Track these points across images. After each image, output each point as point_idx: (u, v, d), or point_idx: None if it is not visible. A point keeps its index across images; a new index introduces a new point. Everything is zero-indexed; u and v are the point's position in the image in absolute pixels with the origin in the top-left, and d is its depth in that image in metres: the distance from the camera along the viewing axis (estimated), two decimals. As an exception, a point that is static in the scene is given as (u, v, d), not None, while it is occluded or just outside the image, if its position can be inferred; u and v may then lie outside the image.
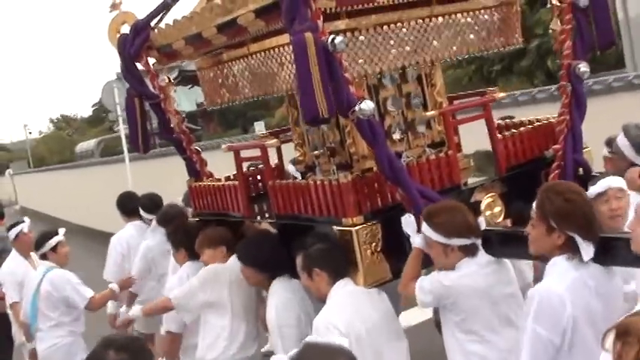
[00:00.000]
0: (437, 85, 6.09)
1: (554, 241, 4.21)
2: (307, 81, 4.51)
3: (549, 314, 4.02)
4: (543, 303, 4.04)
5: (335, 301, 5.11)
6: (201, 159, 6.92)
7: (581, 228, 4.15)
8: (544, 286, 4.13)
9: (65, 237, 8.45)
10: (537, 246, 4.35)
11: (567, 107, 5.81)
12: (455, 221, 4.82)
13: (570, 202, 4.19)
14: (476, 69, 25.58)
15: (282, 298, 5.61)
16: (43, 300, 8.16)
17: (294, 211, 5.57)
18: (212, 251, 6.32)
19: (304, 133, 6.30)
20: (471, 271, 4.85)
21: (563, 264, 4.18)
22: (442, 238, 4.82)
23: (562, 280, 4.10)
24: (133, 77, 6.68)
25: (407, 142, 5.95)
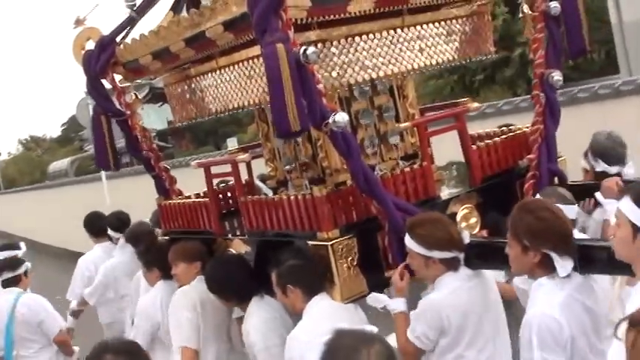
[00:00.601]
0: (409, 96, 6.03)
1: (530, 259, 4.15)
2: (279, 93, 4.40)
3: (552, 339, 3.94)
4: (542, 330, 3.95)
5: (310, 317, 5.01)
6: (170, 177, 6.81)
7: (555, 245, 4.10)
8: (538, 312, 4.03)
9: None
10: (516, 266, 4.31)
11: (541, 116, 5.77)
12: (437, 234, 4.73)
13: (542, 220, 4.14)
14: (458, 79, 25.26)
15: (263, 318, 5.48)
16: (21, 324, 7.95)
17: (267, 227, 5.47)
18: (186, 266, 6.14)
19: (275, 148, 6.20)
20: (454, 287, 4.77)
21: (548, 284, 4.12)
22: (423, 250, 4.74)
23: (552, 301, 4.03)
24: (99, 94, 6.58)
25: (380, 155, 5.88)
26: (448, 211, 5.41)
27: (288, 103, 4.39)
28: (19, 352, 8.01)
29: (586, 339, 4.03)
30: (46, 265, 24.25)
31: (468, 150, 5.70)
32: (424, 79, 26.61)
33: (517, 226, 4.18)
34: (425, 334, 4.79)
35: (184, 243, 6.31)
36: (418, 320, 4.82)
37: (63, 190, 30.05)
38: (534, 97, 5.80)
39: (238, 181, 5.88)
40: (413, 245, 4.77)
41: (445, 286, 4.78)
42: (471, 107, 5.96)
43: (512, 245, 4.22)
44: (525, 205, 4.37)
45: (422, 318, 4.80)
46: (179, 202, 6.55)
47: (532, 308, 4.10)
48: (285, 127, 4.46)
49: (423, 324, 4.79)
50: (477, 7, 5.99)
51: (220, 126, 43.92)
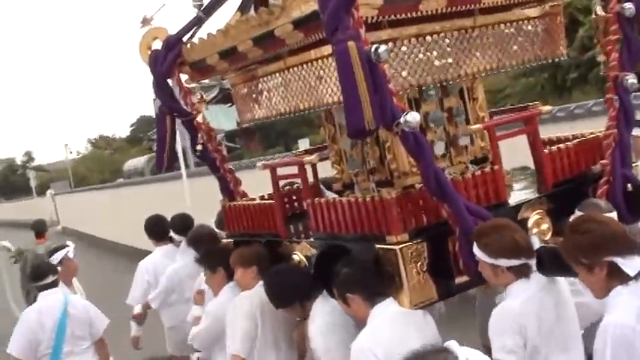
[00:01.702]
0: (479, 98, 5.91)
1: (600, 275, 4.02)
2: (352, 92, 4.32)
3: (626, 349, 3.80)
4: (616, 339, 3.81)
5: (374, 325, 4.93)
6: (235, 178, 6.77)
7: (612, 249, 3.98)
8: (614, 320, 3.90)
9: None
10: (593, 288, 4.16)
11: (615, 120, 5.64)
12: (502, 241, 4.59)
13: (586, 232, 4.04)
14: (549, 77, 24.89)
15: (325, 321, 5.42)
16: (74, 322, 8.00)
17: (334, 230, 5.38)
18: (244, 270, 6.15)
19: (342, 150, 6.11)
20: (527, 295, 4.62)
21: (628, 290, 3.97)
22: (489, 258, 4.61)
23: (629, 310, 3.88)
24: (165, 94, 6.56)
25: (449, 158, 5.78)
26: (519, 216, 5.27)
27: (363, 102, 4.30)
28: (72, 349, 8.04)
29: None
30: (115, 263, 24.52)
31: (540, 154, 5.57)
32: (513, 76, 26.27)
33: (569, 251, 4.12)
34: (517, 345, 4.55)
35: (242, 248, 6.29)
36: (502, 335, 4.58)
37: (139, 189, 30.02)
38: (608, 100, 5.68)
39: (305, 182, 5.82)
40: (480, 254, 4.66)
41: (517, 294, 4.63)
42: (543, 110, 5.82)
43: (579, 270, 4.12)
44: (567, 230, 4.28)
45: (504, 330, 4.59)
46: (243, 204, 6.48)
47: (607, 316, 3.96)
48: (358, 127, 4.37)
49: (508, 336, 4.56)
50: (549, 8, 5.87)
51: (291, 127, 43.82)
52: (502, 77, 28.18)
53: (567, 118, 11.57)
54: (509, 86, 26.98)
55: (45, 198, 53.11)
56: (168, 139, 6.69)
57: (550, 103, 17.16)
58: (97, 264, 24.23)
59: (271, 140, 47.45)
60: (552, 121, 11.58)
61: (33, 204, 58.67)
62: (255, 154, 40.63)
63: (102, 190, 38.43)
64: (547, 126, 10.41)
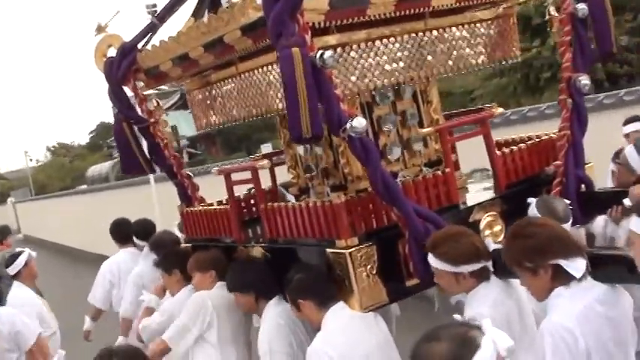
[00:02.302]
0: (433, 102, 5.95)
1: (544, 278, 4.00)
2: (294, 98, 4.32)
3: (565, 351, 3.79)
4: (556, 339, 3.81)
5: (329, 328, 4.93)
6: (192, 184, 6.76)
7: (556, 251, 3.96)
8: (553, 322, 3.89)
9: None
10: (536, 292, 4.14)
11: (568, 122, 5.66)
12: (460, 247, 4.55)
13: (530, 236, 4.03)
14: (522, 77, 24.91)
15: (274, 323, 5.45)
16: None
17: (286, 234, 5.39)
18: (201, 275, 6.17)
19: (297, 154, 6.12)
20: (494, 299, 4.58)
21: (566, 293, 3.96)
22: (450, 267, 4.56)
23: (569, 311, 3.88)
24: (121, 101, 6.54)
25: (403, 162, 5.79)
26: (471, 219, 5.29)
27: (302, 109, 4.30)
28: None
29: (605, 354, 3.87)
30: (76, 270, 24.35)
31: (493, 156, 5.58)
32: (484, 77, 26.27)
33: (512, 255, 4.09)
34: None
35: (199, 253, 6.32)
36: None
37: (105, 195, 29.79)
38: (561, 102, 5.70)
39: (259, 187, 5.81)
40: (438, 264, 4.60)
41: (482, 299, 4.57)
42: (495, 113, 5.84)
43: (521, 275, 4.11)
44: (509, 235, 4.28)
45: None
46: (201, 210, 6.47)
47: (548, 317, 3.96)
48: (297, 132, 4.38)
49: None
50: (502, 10, 5.89)
51: (253, 132, 43.69)
52: (473, 78, 28.16)
53: (538, 118, 11.61)
54: (481, 87, 26.99)
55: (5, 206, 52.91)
56: (134, 145, 6.67)
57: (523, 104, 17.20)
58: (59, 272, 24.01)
59: (233, 145, 47.39)
60: (523, 121, 11.64)
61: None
62: (217, 159, 40.63)
63: (64, 197, 38.14)
64: (518, 127, 10.50)
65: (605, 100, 10.58)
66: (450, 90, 32.06)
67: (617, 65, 21.59)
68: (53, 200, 40.19)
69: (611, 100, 10.54)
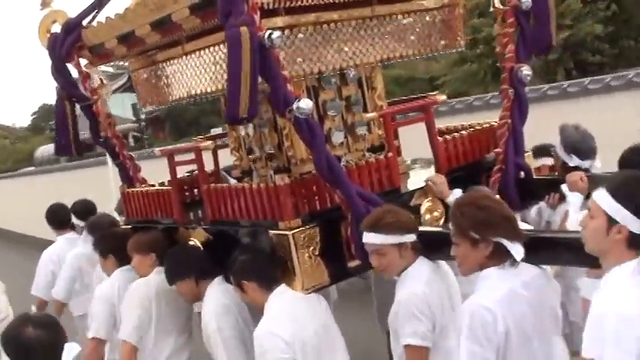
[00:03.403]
0: (377, 88, 5.99)
1: (482, 252, 4.00)
2: (236, 77, 4.34)
3: (482, 331, 3.81)
4: (475, 319, 3.83)
5: (274, 310, 4.93)
6: (134, 164, 6.72)
7: (505, 231, 3.98)
8: (475, 301, 3.91)
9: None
10: (467, 264, 4.12)
11: (509, 111, 5.73)
12: (401, 218, 4.63)
13: (485, 208, 4.02)
14: (492, 64, 24.66)
15: (219, 302, 5.43)
16: None
17: (229, 216, 5.39)
18: (141, 257, 6.11)
19: (240, 136, 6.12)
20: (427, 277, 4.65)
21: (497, 275, 3.99)
22: (396, 237, 4.57)
23: (493, 293, 3.90)
24: (64, 78, 6.46)
25: (347, 146, 5.83)
26: (412, 203, 5.37)
27: (243, 88, 4.32)
28: None
29: (524, 341, 3.90)
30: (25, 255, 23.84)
31: (435, 142, 5.64)
32: (451, 63, 26.07)
33: (460, 221, 4.05)
34: (428, 329, 4.56)
35: (140, 234, 6.24)
36: (412, 320, 4.54)
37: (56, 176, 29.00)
38: (503, 91, 5.76)
39: (201, 168, 5.79)
40: (382, 239, 4.60)
41: (416, 276, 4.64)
42: (439, 100, 5.91)
43: (460, 243, 4.07)
44: (463, 200, 4.29)
45: (413, 315, 4.54)
46: (142, 191, 6.44)
47: (472, 297, 3.98)
48: (232, 113, 4.40)
49: (419, 321, 4.53)
50: (448, 0, 5.95)
51: (202, 116, 43.20)
52: (440, 65, 27.92)
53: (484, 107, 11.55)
54: (449, 73, 26.70)
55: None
56: (70, 125, 6.61)
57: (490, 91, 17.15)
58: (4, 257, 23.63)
59: (182, 130, 46.68)
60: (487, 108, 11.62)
61: None
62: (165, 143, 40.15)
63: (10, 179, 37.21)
64: (482, 113, 10.53)
65: (569, 88, 10.65)
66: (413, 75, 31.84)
67: (589, 54, 21.62)
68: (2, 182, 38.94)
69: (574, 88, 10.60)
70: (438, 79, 27.68)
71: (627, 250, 3.43)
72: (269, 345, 4.76)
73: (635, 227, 3.38)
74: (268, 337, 4.78)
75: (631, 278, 3.37)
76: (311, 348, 4.86)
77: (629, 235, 3.40)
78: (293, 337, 4.77)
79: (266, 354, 4.78)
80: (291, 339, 4.76)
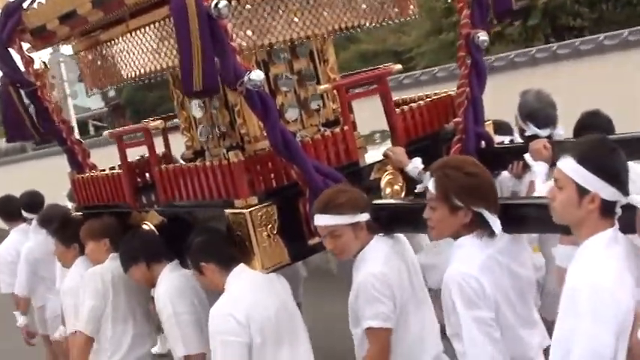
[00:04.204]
0: (329, 60, 5.84)
1: (460, 220, 3.84)
2: (187, 50, 4.18)
3: (475, 296, 3.66)
4: (464, 287, 3.66)
5: (232, 290, 4.78)
6: (83, 150, 6.56)
7: (488, 202, 3.83)
8: (456, 271, 3.74)
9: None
10: (441, 229, 3.96)
11: (467, 78, 5.61)
12: (353, 196, 4.45)
13: (473, 175, 3.85)
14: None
15: (173, 286, 5.31)
16: None
17: (182, 197, 5.24)
18: (95, 244, 5.95)
19: (191, 116, 5.94)
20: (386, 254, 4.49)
21: (471, 243, 3.84)
22: (350, 217, 4.40)
23: (472, 262, 3.75)
24: (6, 64, 6.27)
25: (301, 122, 5.68)
26: (372, 176, 5.24)
27: (195, 60, 4.16)
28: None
29: (509, 305, 3.78)
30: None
31: (391, 114, 5.49)
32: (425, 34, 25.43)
33: (445, 185, 3.85)
34: (391, 310, 4.39)
35: (92, 221, 6.09)
36: (373, 302, 4.37)
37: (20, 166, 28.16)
38: (460, 59, 5.63)
39: (152, 149, 5.60)
40: (336, 220, 4.42)
41: (375, 254, 4.47)
42: (393, 70, 5.76)
43: (438, 207, 3.89)
44: (449, 163, 4.06)
45: (374, 297, 4.37)
46: (92, 176, 6.27)
47: (449, 267, 3.81)
48: (189, 86, 4.25)
49: (380, 303, 4.36)
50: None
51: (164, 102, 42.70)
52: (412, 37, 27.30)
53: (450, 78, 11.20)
54: (423, 44, 26.10)
55: None
56: (23, 111, 6.43)
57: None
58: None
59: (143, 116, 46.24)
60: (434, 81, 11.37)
61: None
62: (125, 131, 39.50)
63: None
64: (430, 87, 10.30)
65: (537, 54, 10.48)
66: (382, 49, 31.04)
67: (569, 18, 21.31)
68: None
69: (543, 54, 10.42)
70: (410, 51, 27.21)
71: (601, 219, 3.29)
72: (222, 326, 4.64)
73: (607, 194, 3.25)
74: (222, 318, 4.65)
75: (606, 249, 3.24)
76: (270, 331, 4.73)
77: (602, 203, 3.26)
78: (248, 318, 4.63)
79: (217, 335, 4.66)
80: (245, 320, 4.62)
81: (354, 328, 4.55)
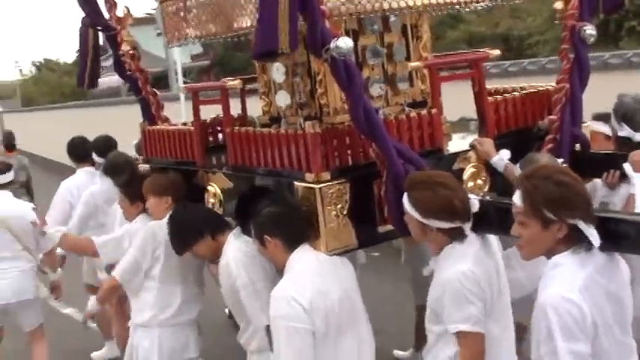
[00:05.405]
0: (423, 37, 5.48)
1: (553, 235, 3.50)
2: (272, 6, 3.89)
3: (575, 325, 3.33)
4: (563, 315, 3.33)
5: (295, 273, 4.49)
6: (157, 101, 6.36)
7: (583, 212, 3.47)
8: (556, 296, 3.39)
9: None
10: (532, 248, 3.61)
11: (567, 74, 5.25)
12: (436, 200, 4.08)
13: (563, 185, 3.48)
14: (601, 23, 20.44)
15: (243, 252, 4.99)
16: None
17: (252, 163, 4.98)
18: (157, 200, 5.79)
19: (271, 80, 5.66)
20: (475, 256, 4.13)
21: (569, 261, 3.49)
22: (418, 215, 4.11)
23: (572, 284, 3.41)
24: (89, 5, 6.12)
25: (385, 99, 5.34)
26: (455, 167, 4.91)
27: (280, 18, 3.89)
28: None
29: (606, 332, 3.43)
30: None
31: (483, 102, 5.16)
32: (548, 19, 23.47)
33: (533, 196, 3.50)
34: (481, 313, 4.07)
35: (156, 175, 5.95)
36: (463, 304, 4.05)
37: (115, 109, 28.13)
38: (562, 51, 5.29)
39: (226, 109, 5.32)
40: (409, 207, 4.16)
41: (460, 256, 4.12)
42: (491, 55, 5.40)
43: (528, 222, 3.55)
44: (536, 172, 3.66)
45: (465, 298, 4.04)
46: (163, 129, 6.07)
47: (546, 290, 3.47)
48: (266, 46, 4.00)
49: (471, 304, 4.04)
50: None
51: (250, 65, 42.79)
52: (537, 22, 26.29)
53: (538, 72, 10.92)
54: (548, 31, 24.62)
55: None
56: (91, 55, 6.28)
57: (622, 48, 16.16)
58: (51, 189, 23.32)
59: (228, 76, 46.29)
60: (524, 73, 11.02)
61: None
62: (207, 89, 39.47)
63: (65, 110, 36.25)
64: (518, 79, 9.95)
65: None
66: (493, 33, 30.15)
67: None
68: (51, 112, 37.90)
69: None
70: (528, 37, 26.33)
71: None
72: (285, 310, 4.34)
73: None
74: (285, 302, 4.36)
75: None
76: (333, 320, 4.44)
77: None
78: (312, 304, 4.34)
79: (281, 320, 4.37)
80: (309, 306, 4.33)
81: (431, 324, 4.25)
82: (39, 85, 73.46)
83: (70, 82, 61.82)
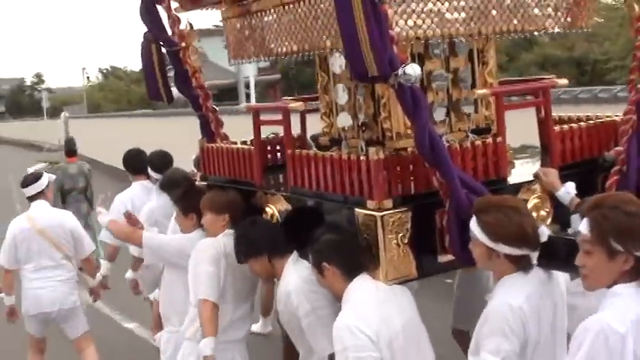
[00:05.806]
0: (489, 63, 5.40)
1: (619, 267, 3.41)
2: (352, 34, 3.89)
3: (606, 354, 3.25)
4: (600, 339, 3.26)
5: (356, 302, 4.43)
6: (217, 118, 6.32)
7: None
8: (603, 320, 3.33)
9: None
10: (597, 278, 3.50)
11: (634, 105, 5.10)
12: (507, 224, 3.96)
13: (633, 215, 3.39)
14: None
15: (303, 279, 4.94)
16: None
17: (312, 186, 4.93)
18: (214, 217, 5.73)
19: (333, 101, 5.62)
20: (528, 291, 3.99)
21: (630, 292, 3.40)
22: (487, 239, 3.99)
23: (625, 316, 3.33)
24: (153, 21, 6.12)
25: (449, 124, 5.28)
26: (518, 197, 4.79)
27: (363, 46, 3.88)
28: None
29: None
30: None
31: (549, 131, 5.07)
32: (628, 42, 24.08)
33: (603, 227, 3.41)
34: (513, 350, 3.92)
35: (215, 192, 5.89)
36: (497, 335, 3.92)
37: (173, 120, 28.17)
38: (630, 82, 5.15)
39: (287, 130, 5.29)
40: (477, 231, 4.02)
41: (517, 288, 4.00)
42: (558, 83, 5.30)
43: (594, 252, 3.45)
44: (605, 201, 3.56)
45: (501, 330, 3.92)
46: (222, 147, 6.04)
47: (598, 314, 3.39)
48: (359, 71, 3.99)
49: (505, 338, 3.91)
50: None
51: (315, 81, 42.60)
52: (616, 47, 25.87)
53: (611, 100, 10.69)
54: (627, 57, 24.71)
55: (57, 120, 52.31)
56: (158, 70, 6.29)
57: None
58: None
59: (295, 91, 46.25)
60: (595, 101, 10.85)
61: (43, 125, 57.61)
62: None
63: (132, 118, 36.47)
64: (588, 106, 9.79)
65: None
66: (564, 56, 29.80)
67: None
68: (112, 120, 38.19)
69: None
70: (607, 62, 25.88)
71: None
72: (351, 341, 4.28)
73: None
74: (349, 332, 4.30)
75: None
76: (398, 347, 4.37)
77: None
78: (378, 334, 4.29)
79: (348, 351, 4.30)
80: (376, 336, 4.28)
81: (472, 356, 4.11)
82: (105, 91, 74.73)
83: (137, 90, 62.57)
